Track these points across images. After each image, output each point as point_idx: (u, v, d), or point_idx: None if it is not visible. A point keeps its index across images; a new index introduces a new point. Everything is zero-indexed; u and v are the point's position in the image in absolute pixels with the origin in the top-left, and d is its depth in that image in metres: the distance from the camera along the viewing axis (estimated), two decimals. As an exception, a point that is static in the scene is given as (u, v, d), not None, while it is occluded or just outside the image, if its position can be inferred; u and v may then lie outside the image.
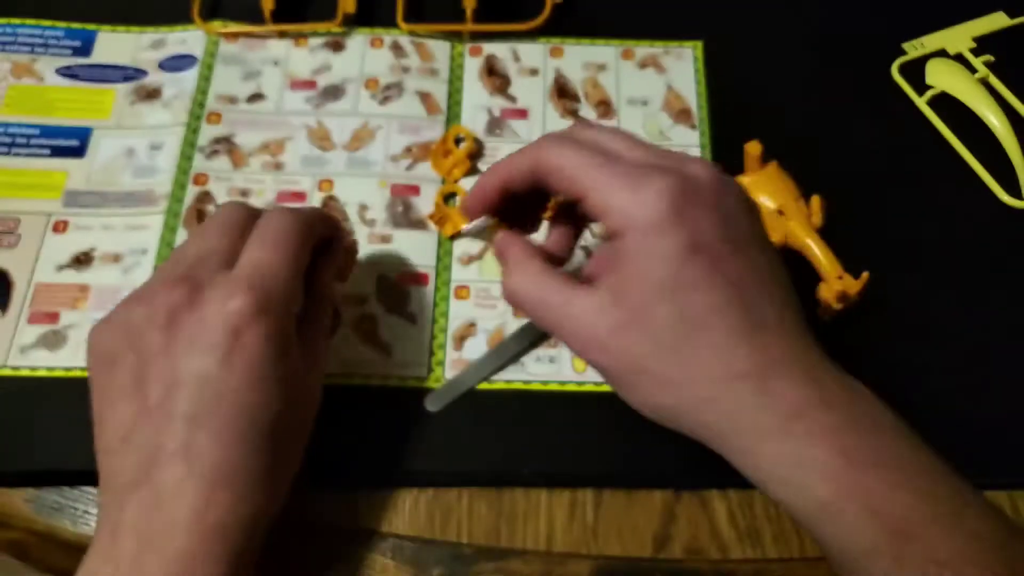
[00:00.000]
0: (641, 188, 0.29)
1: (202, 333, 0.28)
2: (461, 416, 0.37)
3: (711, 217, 0.29)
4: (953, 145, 0.45)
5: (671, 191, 0.28)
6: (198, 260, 0.31)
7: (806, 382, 0.28)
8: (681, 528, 0.36)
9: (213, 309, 0.29)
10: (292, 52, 0.47)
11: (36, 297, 0.39)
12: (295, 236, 0.32)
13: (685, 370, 0.28)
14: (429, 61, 0.47)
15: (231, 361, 0.28)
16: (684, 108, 0.46)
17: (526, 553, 0.35)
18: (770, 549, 0.35)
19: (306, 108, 0.45)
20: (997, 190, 0.43)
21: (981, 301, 0.41)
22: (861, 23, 0.50)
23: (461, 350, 0.39)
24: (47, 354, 0.38)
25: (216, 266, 0.30)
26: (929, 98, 0.46)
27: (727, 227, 0.29)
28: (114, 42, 0.47)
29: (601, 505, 0.36)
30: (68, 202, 0.42)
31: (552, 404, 0.38)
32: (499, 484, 0.37)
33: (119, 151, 0.44)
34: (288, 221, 0.32)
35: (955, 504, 0.27)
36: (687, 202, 0.28)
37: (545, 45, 0.48)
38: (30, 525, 0.36)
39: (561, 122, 0.45)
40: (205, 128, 0.44)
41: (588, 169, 0.30)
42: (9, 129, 0.44)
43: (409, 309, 0.40)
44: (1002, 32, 0.49)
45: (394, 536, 0.35)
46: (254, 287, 0.29)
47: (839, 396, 0.28)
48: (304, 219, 0.33)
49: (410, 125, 0.45)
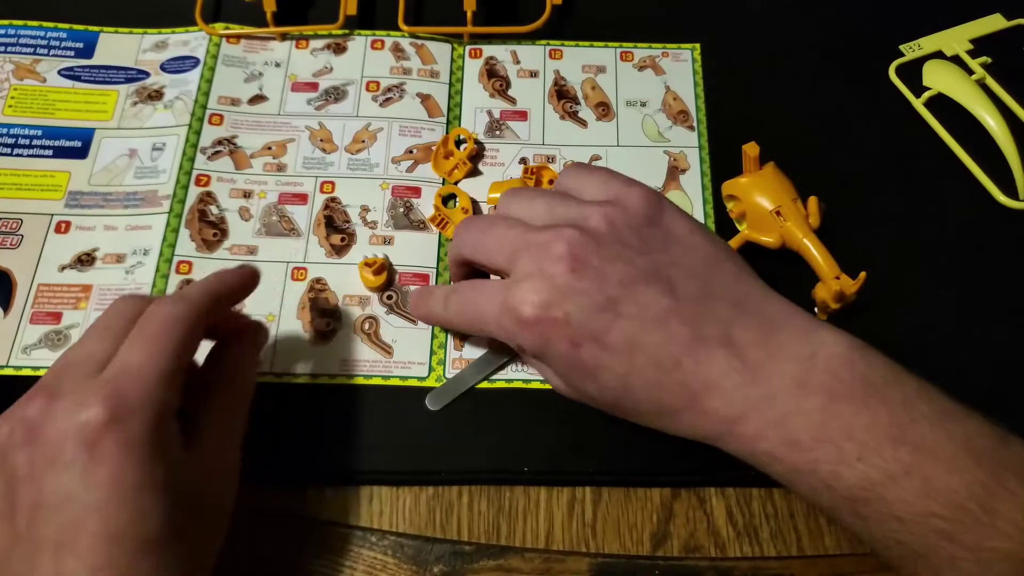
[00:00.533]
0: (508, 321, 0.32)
1: (61, 447, 0.26)
2: (461, 415, 0.38)
3: (576, 301, 0.31)
4: (950, 146, 0.45)
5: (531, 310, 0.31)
6: (67, 367, 0.29)
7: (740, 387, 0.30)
8: (679, 526, 0.36)
9: (66, 423, 0.27)
10: (294, 54, 0.47)
11: (38, 297, 0.40)
12: (177, 329, 0.30)
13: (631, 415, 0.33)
14: (430, 63, 0.47)
15: (92, 477, 0.26)
16: (682, 109, 0.46)
17: (526, 550, 0.35)
18: (767, 546, 0.36)
19: (308, 110, 0.46)
20: (994, 191, 0.44)
21: (977, 301, 0.41)
22: (858, 25, 0.50)
23: (461, 350, 0.39)
24: (49, 354, 0.38)
25: (85, 373, 0.28)
26: (926, 99, 0.47)
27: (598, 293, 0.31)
28: (116, 43, 0.47)
29: (600, 503, 0.36)
30: (70, 203, 0.42)
31: (552, 403, 0.38)
32: (499, 482, 0.37)
33: (121, 152, 0.44)
34: (171, 313, 0.30)
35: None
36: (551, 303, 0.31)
37: (544, 47, 0.48)
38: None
39: (560, 123, 0.46)
40: (207, 129, 0.45)
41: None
42: (12, 130, 0.44)
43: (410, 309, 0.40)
44: (999, 34, 0.49)
45: (395, 533, 0.35)
46: (108, 395, 0.27)
47: (783, 382, 0.30)
48: (193, 306, 0.31)
49: (411, 127, 0.45)
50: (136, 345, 0.29)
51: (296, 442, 0.37)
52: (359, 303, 0.40)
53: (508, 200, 0.36)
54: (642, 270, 0.31)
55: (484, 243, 0.35)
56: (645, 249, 0.32)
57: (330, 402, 0.38)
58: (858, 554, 0.35)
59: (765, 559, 0.35)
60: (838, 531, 0.36)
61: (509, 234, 0.34)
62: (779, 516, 0.36)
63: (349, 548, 0.35)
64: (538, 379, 0.38)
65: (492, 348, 0.39)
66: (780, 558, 0.35)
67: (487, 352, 0.39)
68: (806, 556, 0.35)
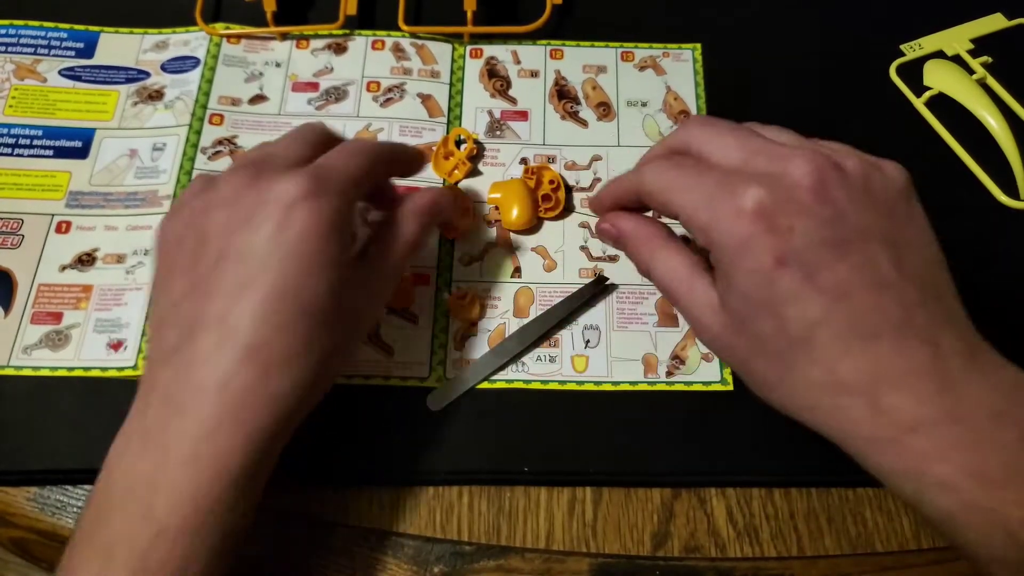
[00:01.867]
0: (722, 206, 0.29)
1: (258, 209, 0.29)
2: (462, 415, 0.38)
3: (806, 223, 0.28)
4: (951, 146, 0.45)
5: (753, 205, 0.28)
6: (270, 156, 0.32)
7: (932, 395, 0.26)
8: (680, 526, 0.36)
9: (269, 191, 0.29)
10: (294, 54, 0.47)
11: (39, 297, 0.40)
12: (370, 154, 0.33)
13: (787, 377, 0.29)
14: (430, 63, 0.47)
15: (280, 236, 0.29)
16: (683, 110, 0.46)
17: (526, 551, 0.35)
18: (768, 547, 0.36)
19: (308, 110, 0.46)
20: (995, 190, 0.44)
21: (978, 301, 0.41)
22: (859, 25, 0.50)
23: (462, 350, 0.39)
24: (50, 354, 0.38)
25: (288, 164, 0.31)
26: (927, 99, 0.47)
27: (832, 228, 0.28)
28: (117, 43, 0.47)
29: (600, 503, 0.36)
30: (71, 203, 0.42)
31: (552, 404, 0.38)
32: (499, 482, 0.37)
33: (122, 152, 0.44)
34: (365, 144, 0.34)
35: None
36: (775, 211, 0.28)
37: (545, 47, 0.48)
38: (33, 524, 0.36)
39: (561, 123, 0.46)
40: (208, 129, 0.45)
41: (678, 193, 0.31)
42: (12, 130, 0.44)
43: (411, 309, 0.40)
44: (1000, 33, 0.49)
45: (395, 534, 0.36)
46: (310, 175, 0.30)
47: (980, 406, 0.26)
48: (378, 146, 0.34)
49: (411, 127, 0.45)
50: (338, 154, 0.32)
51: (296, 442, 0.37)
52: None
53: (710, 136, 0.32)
54: (881, 230, 0.28)
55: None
56: (888, 214, 0.29)
57: (330, 402, 0.38)
58: (858, 554, 0.35)
59: (765, 559, 0.35)
60: (838, 531, 0.36)
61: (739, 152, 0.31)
62: (779, 516, 0.36)
63: (349, 548, 0.35)
64: (538, 379, 0.38)
65: (492, 348, 0.39)
66: (780, 558, 0.35)
67: (487, 352, 0.39)
68: (806, 556, 0.35)
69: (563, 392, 0.38)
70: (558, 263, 0.42)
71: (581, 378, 0.39)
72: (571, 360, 0.39)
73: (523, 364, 0.39)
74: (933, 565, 0.35)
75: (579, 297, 0.40)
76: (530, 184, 0.43)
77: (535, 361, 0.39)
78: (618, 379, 0.39)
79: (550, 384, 0.38)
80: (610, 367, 0.39)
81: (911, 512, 0.37)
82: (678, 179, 0.31)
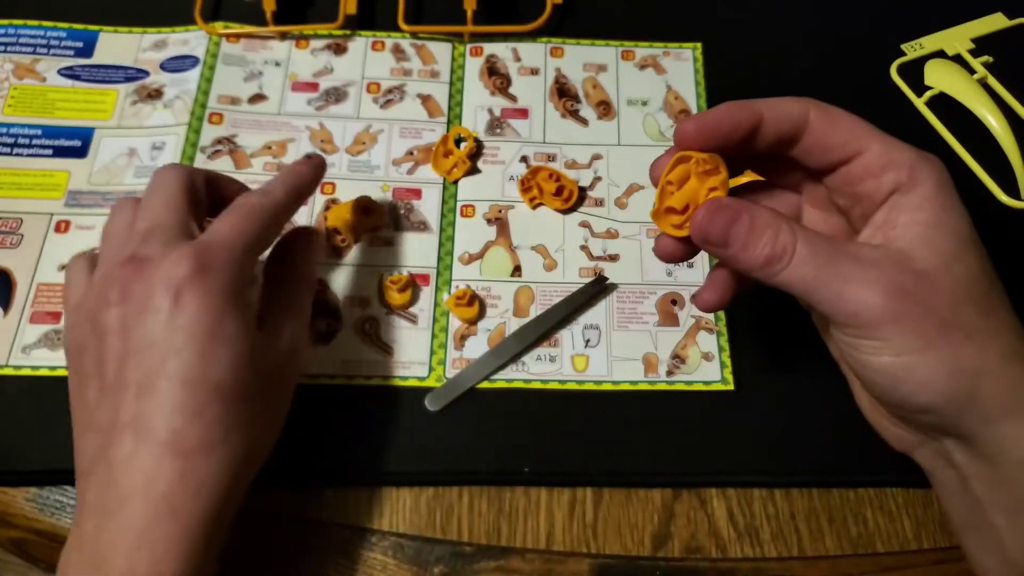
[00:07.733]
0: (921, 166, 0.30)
1: (149, 298, 0.28)
2: (462, 415, 0.38)
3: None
4: (952, 145, 0.45)
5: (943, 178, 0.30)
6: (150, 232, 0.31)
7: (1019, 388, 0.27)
8: (680, 527, 0.36)
9: (156, 277, 0.29)
10: (294, 53, 0.47)
11: (38, 297, 0.40)
12: (263, 218, 0.32)
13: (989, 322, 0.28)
14: (430, 63, 0.47)
15: (173, 322, 0.28)
16: (684, 108, 0.46)
17: (526, 551, 0.35)
18: (768, 547, 0.35)
19: (308, 110, 0.46)
20: (996, 190, 0.44)
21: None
22: (860, 24, 0.50)
23: (462, 350, 0.39)
24: (49, 353, 0.38)
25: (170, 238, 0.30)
26: (928, 99, 0.46)
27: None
28: (116, 43, 0.47)
29: (601, 504, 0.36)
30: (70, 202, 0.42)
31: (552, 403, 0.38)
32: (499, 483, 0.37)
33: (121, 151, 0.44)
34: (259, 203, 0.32)
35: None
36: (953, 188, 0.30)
37: (546, 45, 0.48)
38: (32, 524, 0.36)
39: (561, 122, 0.46)
40: (207, 128, 0.45)
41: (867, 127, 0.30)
42: (11, 129, 0.44)
43: (410, 309, 0.40)
44: (1000, 33, 0.49)
45: (395, 534, 0.35)
46: (196, 252, 0.29)
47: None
48: (278, 202, 0.33)
49: (411, 129, 0.45)
50: (225, 222, 0.31)
51: (296, 443, 0.37)
52: (359, 304, 0.40)
53: None
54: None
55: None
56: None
57: (330, 403, 0.38)
58: (859, 555, 0.35)
59: (766, 560, 0.35)
60: (839, 532, 0.36)
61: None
62: (780, 517, 0.36)
63: (349, 549, 0.35)
64: (538, 379, 0.38)
65: (492, 348, 0.39)
66: (781, 559, 0.35)
67: (487, 352, 0.39)
68: (807, 557, 0.35)
69: (563, 392, 0.38)
70: (558, 262, 0.41)
71: (581, 378, 0.39)
72: (571, 360, 0.39)
73: (523, 364, 0.39)
74: (934, 565, 0.35)
75: (579, 296, 0.40)
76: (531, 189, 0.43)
77: (535, 361, 0.39)
78: (618, 379, 0.39)
79: (550, 384, 0.38)
80: (610, 367, 0.39)
81: (912, 512, 0.37)
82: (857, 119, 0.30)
